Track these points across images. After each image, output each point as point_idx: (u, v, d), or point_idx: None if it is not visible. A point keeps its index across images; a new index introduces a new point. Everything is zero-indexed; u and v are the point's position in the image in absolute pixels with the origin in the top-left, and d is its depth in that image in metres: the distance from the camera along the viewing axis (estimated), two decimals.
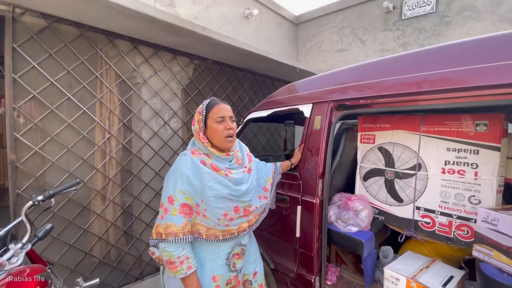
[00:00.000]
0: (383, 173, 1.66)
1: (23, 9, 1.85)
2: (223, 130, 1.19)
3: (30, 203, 1.34)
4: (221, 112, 1.21)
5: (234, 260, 1.27)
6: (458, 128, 1.39)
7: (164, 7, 2.79)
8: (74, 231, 2.15)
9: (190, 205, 1.13)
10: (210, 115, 1.21)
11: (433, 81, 1.20)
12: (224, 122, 1.21)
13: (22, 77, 1.89)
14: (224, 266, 1.23)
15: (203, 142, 1.20)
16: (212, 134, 1.20)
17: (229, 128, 1.21)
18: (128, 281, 2.47)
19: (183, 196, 1.12)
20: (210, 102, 1.25)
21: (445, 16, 3.30)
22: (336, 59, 4.30)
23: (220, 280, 1.21)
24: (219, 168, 1.19)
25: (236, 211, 1.22)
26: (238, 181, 1.22)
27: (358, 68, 1.60)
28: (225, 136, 1.20)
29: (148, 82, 2.54)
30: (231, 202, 1.19)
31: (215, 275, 1.20)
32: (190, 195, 1.13)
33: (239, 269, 1.29)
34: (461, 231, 1.38)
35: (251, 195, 1.30)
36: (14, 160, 1.87)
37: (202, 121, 1.22)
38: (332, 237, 1.62)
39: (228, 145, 1.23)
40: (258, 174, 1.42)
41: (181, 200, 1.11)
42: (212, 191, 1.13)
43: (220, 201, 1.15)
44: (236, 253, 1.27)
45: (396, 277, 1.34)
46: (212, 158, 1.21)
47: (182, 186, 1.12)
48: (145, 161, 2.53)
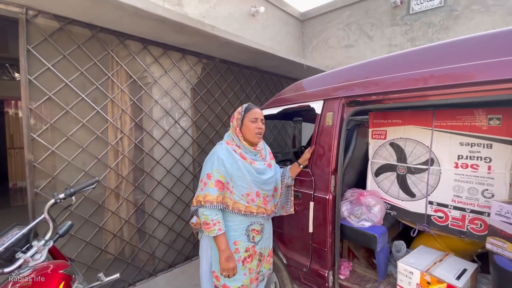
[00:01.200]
0: (395, 169, 1.67)
1: (36, 11, 1.88)
2: (255, 128, 1.52)
3: (52, 201, 1.37)
4: (255, 115, 1.54)
5: (254, 234, 1.56)
6: (471, 123, 1.39)
7: (172, 7, 2.81)
8: (90, 229, 2.21)
9: (223, 182, 1.44)
10: (247, 116, 1.53)
11: (446, 76, 1.20)
12: (256, 122, 1.53)
13: (37, 78, 1.93)
14: (244, 236, 1.53)
15: (238, 136, 1.54)
16: (246, 130, 1.53)
17: (260, 128, 1.54)
18: (142, 277, 2.53)
19: (218, 174, 1.42)
20: (248, 105, 1.58)
21: (454, 10, 3.26)
22: (343, 55, 4.28)
23: (240, 245, 1.52)
24: (246, 157, 1.51)
25: (257, 195, 1.53)
26: (260, 170, 1.53)
27: (369, 64, 1.60)
28: (256, 133, 1.52)
29: (158, 82, 2.57)
30: (254, 185, 1.50)
31: (236, 241, 1.51)
32: (223, 174, 1.44)
33: (257, 241, 1.58)
34: (475, 225, 1.39)
35: (271, 187, 1.60)
36: (32, 160, 1.92)
37: (240, 120, 1.54)
38: (345, 232, 1.64)
39: (257, 140, 1.55)
40: (277, 170, 1.71)
41: (216, 177, 1.42)
42: (240, 172, 1.46)
43: (245, 182, 1.47)
44: (255, 229, 1.56)
45: (410, 270, 1.36)
46: (241, 149, 1.53)
47: (217, 167, 1.43)
48: (156, 160, 2.57)
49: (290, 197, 1.73)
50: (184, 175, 2.83)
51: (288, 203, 1.73)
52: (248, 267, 1.56)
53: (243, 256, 1.54)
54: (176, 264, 2.80)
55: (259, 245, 1.59)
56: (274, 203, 1.66)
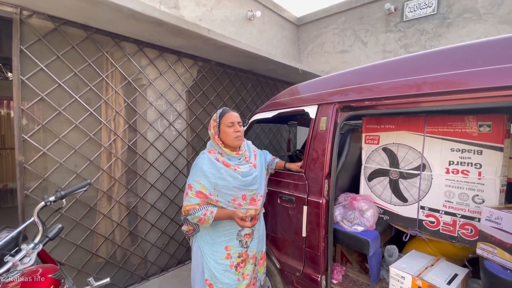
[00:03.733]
0: (387, 174, 1.68)
1: (30, 12, 1.86)
2: (233, 132, 1.51)
3: (42, 204, 1.35)
4: (231, 119, 1.53)
5: (246, 239, 1.57)
6: (462, 129, 1.42)
7: (168, 9, 2.82)
8: (81, 232, 2.17)
9: (204, 192, 1.45)
10: (222, 121, 1.53)
11: (437, 83, 1.22)
12: (233, 126, 1.52)
13: (30, 79, 1.91)
14: (235, 241, 1.54)
15: (218, 144, 1.53)
16: (225, 136, 1.52)
17: (238, 131, 1.52)
18: (133, 281, 2.50)
19: (199, 185, 1.45)
20: (222, 111, 1.57)
21: (446, 18, 3.33)
22: (338, 60, 4.33)
23: (232, 250, 1.52)
24: (229, 164, 1.50)
25: (244, 199, 1.52)
26: (245, 173, 1.53)
27: (363, 70, 1.62)
28: (235, 137, 1.51)
29: (153, 84, 2.56)
30: (239, 190, 1.50)
31: (228, 246, 1.52)
32: (205, 185, 1.45)
33: (249, 245, 1.59)
34: (465, 230, 1.40)
35: (258, 185, 1.59)
36: (22, 161, 1.89)
37: (217, 127, 1.53)
38: (338, 237, 1.64)
39: (237, 143, 1.53)
40: (262, 166, 1.70)
41: (197, 188, 1.45)
42: (224, 181, 1.46)
43: (230, 189, 1.47)
44: (247, 233, 1.57)
45: (402, 275, 1.37)
46: (224, 157, 1.52)
47: (198, 178, 1.45)
48: (150, 162, 2.55)
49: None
50: (178, 178, 2.81)
51: None
52: (241, 272, 1.56)
53: (236, 262, 1.54)
54: (169, 268, 2.77)
55: (250, 248, 1.60)
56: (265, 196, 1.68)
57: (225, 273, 1.51)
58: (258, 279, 1.69)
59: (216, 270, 1.51)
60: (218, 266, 1.51)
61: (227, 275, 1.52)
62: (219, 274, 1.51)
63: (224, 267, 1.51)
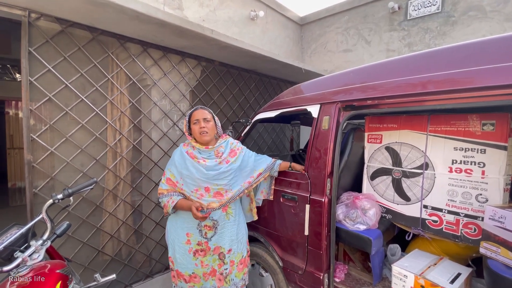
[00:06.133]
0: (390, 172, 1.68)
1: (38, 14, 1.90)
2: (198, 128, 1.66)
3: (50, 201, 1.39)
4: (196, 116, 1.67)
5: (206, 230, 1.67)
6: (465, 128, 1.41)
7: (172, 10, 2.85)
8: (88, 229, 2.21)
9: (172, 180, 1.68)
10: (191, 119, 1.70)
11: (440, 82, 1.22)
12: (198, 123, 1.66)
13: (37, 80, 1.95)
14: (195, 229, 1.66)
15: (188, 139, 1.75)
16: (193, 133, 1.69)
17: (202, 127, 1.65)
18: (138, 278, 2.53)
19: (169, 173, 1.69)
20: (191, 110, 1.72)
21: (451, 16, 3.30)
22: (341, 60, 4.32)
23: (191, 237, 1.66)
24: (195, 157, 1.66)
25: (207, 191, 1.64)
26: (209, 167, 1.64)
27: (365, 69, 1.63)
28: (200, 133, 1.65)
29: (157, 84, 2.59)
30: (201, 182, 1.63)
31: (188, 232, 1.66)
32: (174, 174, 1.68)
33: (210, 237, 1.67)
34: (469, 229, 1.40)
35: (226, 181, 1.67)
36: (31, 160, 1.93)
37: (187, 126, 1.73)
38: (340, 235, 1.65)
39: (205, 138, 1.66)
40: (243, 167, 1.78)
41: (167, 175, 1.70)
42: (187, 171, 1.63)
43: (193, 180, 1.63)
44: (207, 225, 1.67)
45: (404, 274, 1.37)
46: (195, 150, 1.69)
47: (170, 166, 1.71)
48: (155, 161, 2.59)
49: (271, 186, 1.93)
50: None
51: (269, 191, 1.93)
52: (200, 259, 1.67)
53: (195, 248, 1.66)
54: None
55: (212, 241, 1.67)
56: (238, 193, 1.72)
57: (183, 256, 1.67)
58: (233, 282, 1.73)
59: (177, 251, 1.68)
60: (179, 248, 1.68)
61: (186, 258, 1.67)
62: (178, 255, 1.68)
63: (183, 250, 1.67)
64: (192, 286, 1.68)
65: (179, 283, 1.71)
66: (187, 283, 1.68)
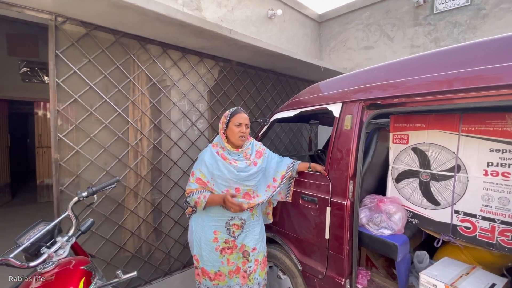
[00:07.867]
0: (417, 175, 1.59)
1: (64, 18, 1.98)
2: (238, 132, 1.65)
3: (75, 199, 1.43)
4: (240, 120, 1.67)
5: (234, 229, 1.67)
6: (502, 128, 1.31)
7: (191, 11, 2.87)
8: (110, 226, 2.28)
9: (203, 180, 1.65)
10: (232, 120, 1.67)
11: (474, 78, 1.13)
12: (240, 126, 1.66)
13: (64, 81, 2.02)
14: (223, 228, 1.66)
15: (222, 138, 1.70)
16: (230, 133, 1.67)
17: (243, 132, 1.66)
18: (158, 275, 2.58)
19: (200, 173, 1.66)
20: (235, 110, 1.71)
21: (482, 8, 3.10)
22: (362, 57, 4.18)
23: (219, 235, 1.66)
24: (227, 158, 1.66)
25: (237, 191, 1.64)
26: (240, 169, 1.65)
27: (391, 65, 1.55)
28: (239, 136, 1.65)
29: (177, 85, 2.63)
30: (233, 182, 1.63)
31: (216, 230, 1.66)
32: (204, 174, 1.65)
33: (237, 236, 1.68)
34: (505, 237, 1.30)
35: (255, 182, 1.69)
36: (58, 159, 2.02)
37: (226, 123, 1.69)
38: (363, 240, 1.58)
39: (240, 142, 1.68)
40: (268, 168, 1.81)
41: (197, 175, 1.66)
42: (219, 172, 1.62)
43: (224, 180, 1.62)
44: (235, 224, 1.67)
45: (434, 283, 1.29)
46: (225, 151, 1.68)
47: (199, 166, 1.67)
48: (174, 161, 2.62)
49: (290, 187, 1.89)
50: None
51: (288, 192, 1.90)
52: (226, 257, 1.67)
53: (222, 246, 1.66)
54: (191, 264, 2.83)
55: (239, 240, 1.69)
56: (265, 197, 1.72)
57: (210, 254, 1.66)
58: (257, 282, 1.73)
59: (203, 249, 1.68)
60: (206, 246, 1.67)
61: (212, 256, 1.66)
62: (205, 253, 1.67)
63: (210, 248, 1.66)
64: (216, 284, 1.68)
65: (203, 281, 1.71)
66: (212, 281, 1.68)
